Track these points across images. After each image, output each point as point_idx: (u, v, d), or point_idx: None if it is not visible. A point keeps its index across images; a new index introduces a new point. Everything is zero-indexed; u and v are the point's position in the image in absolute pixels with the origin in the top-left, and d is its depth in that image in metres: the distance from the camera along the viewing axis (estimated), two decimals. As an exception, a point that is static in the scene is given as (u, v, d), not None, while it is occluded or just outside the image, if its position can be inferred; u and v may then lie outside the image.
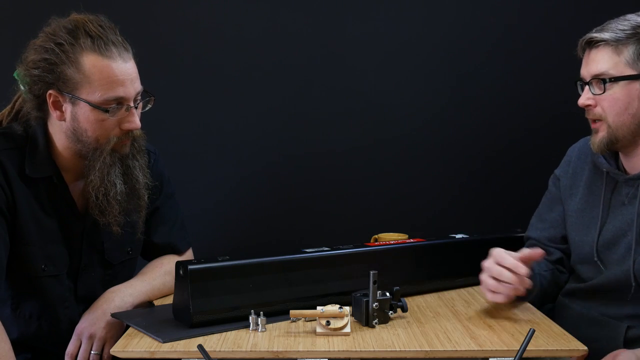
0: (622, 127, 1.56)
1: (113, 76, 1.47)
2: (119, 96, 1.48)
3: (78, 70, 1.46)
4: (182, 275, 1.46)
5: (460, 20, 2.33)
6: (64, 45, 1.46)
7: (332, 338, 1.38)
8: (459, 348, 1.33)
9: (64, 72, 1.46)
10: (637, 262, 1.57)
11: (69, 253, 1.59)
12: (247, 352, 1.32)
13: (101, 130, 1.50)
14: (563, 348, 1.34)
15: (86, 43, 1.46)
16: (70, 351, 1.52)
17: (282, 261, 1.56)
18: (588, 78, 1.58)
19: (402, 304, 1.50)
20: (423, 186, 2.36)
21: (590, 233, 1.67)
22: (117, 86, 1.48)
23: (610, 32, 1.54)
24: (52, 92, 1.48)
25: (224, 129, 2.34)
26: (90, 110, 1.48)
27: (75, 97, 1.47)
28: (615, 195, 1.64)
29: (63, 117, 1.51)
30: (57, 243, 1.57)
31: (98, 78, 1.46)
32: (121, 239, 1.63)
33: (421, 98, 2.35)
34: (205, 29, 2.30)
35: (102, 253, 1.64)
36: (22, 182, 1.51)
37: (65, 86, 1.47)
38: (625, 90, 1.54)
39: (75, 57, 1.46)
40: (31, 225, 1.53)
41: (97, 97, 1.47)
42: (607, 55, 1.55)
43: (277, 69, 2.32)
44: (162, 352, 1.32)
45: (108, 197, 1.53)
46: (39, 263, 1.54)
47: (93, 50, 1.46)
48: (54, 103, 1.50)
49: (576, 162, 1.75)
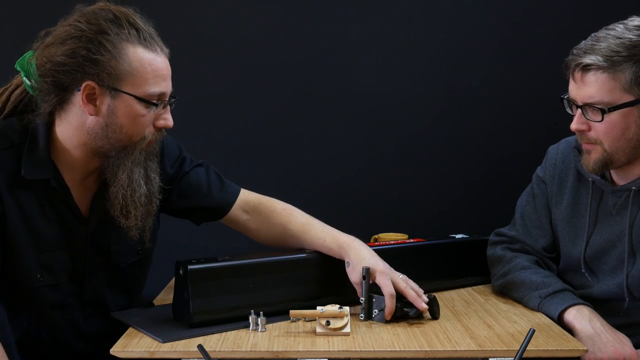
0: (618, 151, 1.51)
1: (158, 70, 1.41)
2: (162, 92, 1.42)
3: (124, 61, 1.37)
4: (182, 275, 1.46)
5: (462, 20, 2.33)
6: (108, 35, 1.37)
7: (332, 338, 1.38)
8: (459, 348, 1.33)
9: (108, 62, 1.36)
10: (630, 275, 1.56)
11: (72, 259, 1.50)
12: (247, 352, 1.32)
13: (138, 127, 1.41)
14: (563, 348, 1.34)
15: (132, 34, 1.38)
16: (390, 291, 1.47)
17: (282, 261, 1.56)
18: (580, 102, 1.51)
19: (407, 310, 1.49)
20: (423, 186, 2.36)
21: (578, 244, 1.65)
22: (161, 81, 1.41)
23: (603, 55, 1.45)
24: (90, 84, 1.37)
25: (223, 129, 2.34)
26: (132, 104, 1.39)
27: (118, 90, 1.38)
28: (602, 205, 1.62)
29: (95, 111, 1.39)
30: (55, 250, 1.47)
31: (145, 71, 1.38)
32: (128, 242, 1.54)
33: (421, 98, 2.35)
34: (204, 28, 2.30)
35: (109, 256, 1.55)
36: (17, 186, 1.41)
37: (108, 78, 1.37)
38: (623, 117, 1.48)
39: (121, 47, 1.37)
40: (24, 234, 1.43)
41: (141, 91, 1.39)
42: (601, 81, 1.46)
43: (277, 69, 2.32)
44: (162, 352, 1.32)
45: (134, 198, 1.44)
46: (34, 273, 1.45)
47: (139, 43, 1.39)
48: (88, 96, 1.38)
49: (561, 167, 1.70)
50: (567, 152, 1.70)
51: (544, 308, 1.55)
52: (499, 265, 1.71)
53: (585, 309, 1.51)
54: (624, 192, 1.58)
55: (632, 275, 1.56)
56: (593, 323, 1.47)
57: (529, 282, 1.61)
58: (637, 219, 1.56)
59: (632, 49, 1.45)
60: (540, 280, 1.60)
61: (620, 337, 1.46)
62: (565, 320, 1.51)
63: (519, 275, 1.64)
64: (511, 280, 1.65)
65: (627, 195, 1.58)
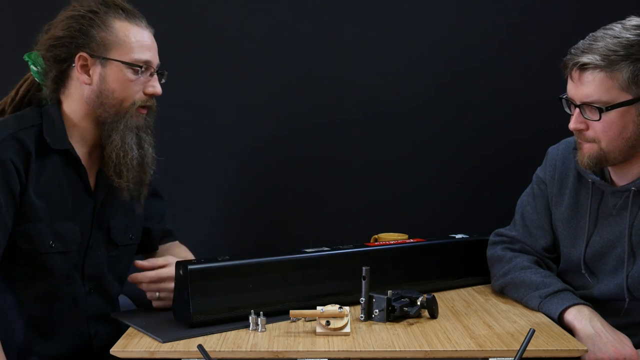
0: (615, 150, 1.52)
1: (143, 41, 1.59)
2: (147, 59, 1.59)
3: (111, 33, 1.56)
4: (182, 275, 1.46)
5: (462, 22, 2.33)
6: (97, 12, 1.57)
7: (332, 338, 1.38)
8: (458, 348, 1.33)
9: (97, 34, 1.55)
10: (630, 276, 1.57)
11: (81, 231, 1.60)
12: (247, 352, 1.32)
13: (127, 92, 1.58)
14: (563, 348, 1.34)
15: (118, 12, 1.58)
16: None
17: (282, 261, 1.57)
18: (578, 102, 1.52)
19: (407, 310, 1.49)
20: (423, 186, 2.36)
21: (578, 245, 1.65)
22: (146, 50, 1.59)
23: (601, 54, 1.46)
24: (82, 54, 1.56)
25: (223, 129, 2.33)
26: (121, 69, 1.56)
27: (107, 58, 1.56)
28: (602, 206, 1.62)
29: (89, 80, 1.57)
30: (68, 220, 1.58)
31: (130, 41, 1.57)
32: (125, 222, 1.68)
33: (422, 98, 2.35)
34: (203, 25, 2.30)
35: (108, 232, 1.66)
36: (40, 158, 1.54)
37: (97, 48, 1.56)
38: (621, 116, 1.48)
39: (108, 22, 1.57)
40: (42, 202, 1.54)
41: (128, 58, 1.56)
42: (599, 80, 1.47)
43: (277, 68, 2.32)
44: (162, 352, 1.32)
45: (126, 159, 1.59)
46: (47, 240, 1.54)
47: (125, 19, 1.58)
48: (82, 67, 1.56)
49: (561, 167, 1.71)
50: (567, 153, 1.70)
51: (544, 308, 1.55)
52: (499, 265, 1.71)
53: (586, 309, 1.51)
54: (624, 193, 1.58)
55: (632, 275, 1.56)
56: (593, 323, 1.47)
57: (529, 282, 1.61)
58: (637, 219, 1.56)
59: (630, 48, 1.46)
60: (540, 280, 1.60)
61: (621, 337, 1.46)
62: (565, 320, 1.51)
63: (519, 275, 1.64)
64: (511, 280, 1.65)
65: (627, 195, 1.58)
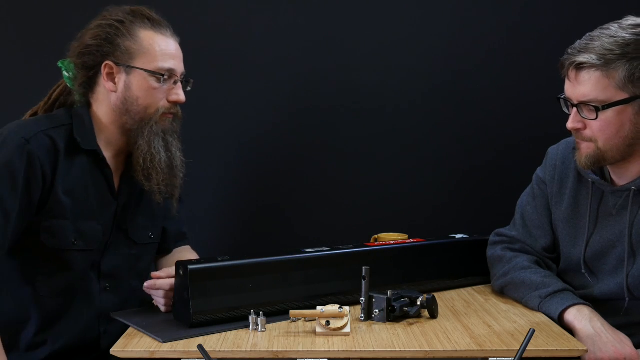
0: (612, 149, 1.52)
1: (167, 50, 1.62)
2: (171, 68, 1.62)
3: (136, 42, 1.60)
4: (182, 275, 1.46)
5: (461, 18, 2.33)
6: (124, 22, 1.60)
7: (332, 338, 1.38)
8: (458, 348, 1.33)
9: (122, 43, 1.59)
10: (630, 275, 1.57)
11: (103, 230, 1.63)
12: (247, 352, 1.32)
13: (151, 99, 1.61)
14: (563, 348, 1.34)
15: (144, 22, 1.62)
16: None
17: (282, 261, 1.57)
18: (575, 101, 1.52)
19: (407, 310, 1.49)
20: (423, 186, 2.36)
21: (578, 244, 1.66)
22: (169, 59, 1.62)
23: (597, 53, 1.47)
24: (108, 63, 1.60)
25: (223, 129, 2.33)
26: (145, 77, 1.60)
27: (132, 67, 1.60)
28: (602, 206, 1.62)
29: (115, 87, 1.61)
30: (91, 219, 1.61)
31: (154, 50, 1.60)
32: (144, 221, 1.72)
33: (422, 98, 2.35)
34: (203, 26, 2.30)
35: (127, 232, 1.68)
36: (69, 156, 1.58)
37: (122, 56, 1.59)
38: (618, 115, 1.49)
39: (134, 31, 1.60)
40: (68, 200, 1.57)
41: (152, 66, 1.60)
42: (596, 79, 1.48)
43: (276, 68, 2.32)
44: (162, 352, 1.32)
45: (154, 163, 1.62)
46: (69, 237, 1.57)
47: (150, 29, 1.62)
48: (108, 75, 1.61)
49: (561, 167, 1.71)
50: (567, 153, 1.71)
51: (544, 308, 1.55)
52: (499, 265, 1.71)
53: (586, 309, 1.51)
54: (624, 192, 1.58)
55: (633, 274, 1.56)
56: (593, 323, 1.47)
57: (529, 282, 1.61)
58: (637, 218, 1.56)
59: (626, 47, 1.46)
60: (540, 280, 1.60)
61: (621, 337, 1.46)
62: (565, 320, 1.51)
63: (519, 275, 1.64)
64: (511, 280, 1.65)
65: (627, 195, 1.58)
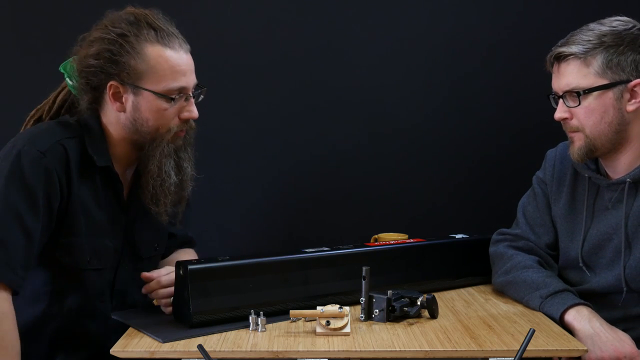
0: (600, 136, 1.58)
1: (177, 66, 1.51)
2: (182, 86, 1.52)
3: (142, 60, 1.48)
4: (182, 275, 1.46)
5: (461, 20, 2.33)
6: (127, 37, 1.48)
7: (332, 338, 1.38)
8: (459, 348, 1.33)
9: (127, 62, 1.48)
10: (627, 267, 1.58)
11: (114, 247, 1.58)
12: (247, 352, 1.32)
13: (162, 120, 1.52)
14: (563, 348, 1.34)
15: (150, 34, 1.49)
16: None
17: (282, 261, 1.57)
18: (560, 92, 1.60)
19: (407, 310, 1.49)
20: (423, 186, 2.36)
21: (575, 239, 1.68)
22: (180, 76, 1.51)
23: (577, 44, 1.56)
24: (114, 84, 1.50)
25: (223, 130, 2.33)
26: (153, 99, 1.50)
27: (139, 87, 1.49)
28: (598, 200, 1.66)
29: (122, 108, 1.52)
30: (104, 237, 1.56)
31: (162, 68, 1.49)
32: (151, 235, 1.66)
33: (422, 99, 2.35)
34: (204, 26, 2.30)
35: (134, 246, 1.63)
36: (82, 171, 1.51)
37: (128, 77, 1.49)
38: (600, 100, 1.56)
39: (140, 47, 1.48)
40: (82, 217, 1.51)
41: (161, 87, 1.50)
42: (576, 68, 1.56)
43: (276, 68, 2.32)
44: (162, 352, 1.32)
45: (163, 187, 1.55)
46: (84, 256, 1.53)
47: (157, 42, 1.49)
48: (114, 95, 1.51)
49: (559, 167, 1.75)
50: (565, 154, 1.73)
51: (545, 308, 1.55)
52: (501, 262, 1.72)
53: (585, 309, 1.52)
54: (619, 185, 1.61)
55: (630, 266, 1.58)
56: (592, 323, 1.48)
57: (530, 282, 1.62)
58: (632, 210, 1.58)
59: (602, 37, 1.55)
60: (542, 279, 1.61)
61: (620, 335, 1.46)
62: (565, 320, 1.51)
63: (520, 274, 1.65)
64: (513, 279, 1.66)
65: (622, 188, 1.60)
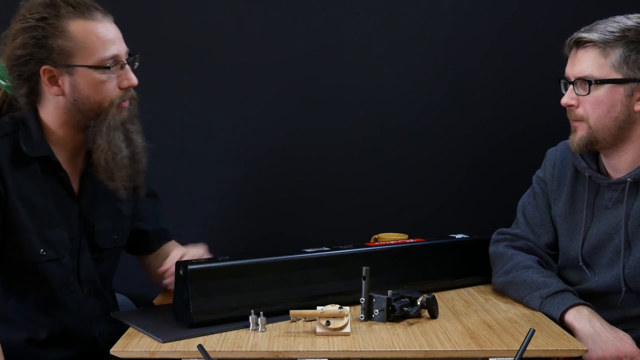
0: (603, 129, 1.56)
1: (104, 36, 1.49)
2: (114, 54, 1.50)
3: (69, 38, 1.47)
4: (182, 275, 1.46)
5: (460, 19, 2.33)
6: (47, 19, 1.46)
7: (332, 338, 1.38)
8: (459, 348, 1.33)
9: (54, 44, 1.46)
10: (627, 266, 1.58)
11: (70, 236, 1.57)
12: (247, 352, 1.32)
13: (103, 94, 1.51)
14: (563, 348, 1.34)
15: (69, 11, 1.47)
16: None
17: (282, 261, 1.57)
18: (572, 78, 1.58)
19: (407, 310, 1.50)
20: (423, 186, 2.36)
21: (575, 238, 1.67)
22: (110, 45, 1.50)
23: (599, 33, 1.53)
24: (46, 68, 1.48)
25: (222, 128, 2.33)
26: (89, 74, 1.49)
27: (72, 65, 1.48)
28: (598, 199, 1.65)
29: (61, 91, 1.50)
30: (55, 226, 1.54)
31: (91, 41, 1.48)
32: (110, 224, 1.64)
33: (422, 99, 2.35)
34: (204, 26, 2.30)
35: (92, 236, 1.62)
36: (16, 167, 1.49)
37: (59, 58, 1.47)
38: (609, 94, 1.54)
39: (63, 26, 1.47)
40: (25, 211, 1.49)
41: (94, 60, 1.48)
42: (593, 56, 1.54)
43: (276, 67, 2.32)
44: (162, 352, 1.32)
45: (116, 161, 1.53)
46: (36, 248, 1.51)
47: (78, 17, 1.48)
48: (49, 79, 1.49)
49: (559, 166, 1.74)
50: (566, 153, 1.73)
51: (545, 308, 1.55)
52: (501, 262, 1.72)
53: (585, 309, 1.52)
54: (620, 185, 1.60)
55: (629, 266, 1.57)
56: (592, 323, 1.48)
57: (530, 282, 1.62)
58: (632, 210, 1.58)
59: (626, 31, 1.53)
60: (542, 280, 1.61)
61: (620, 334, 1.46)
62: (565, 320, 1.51)
63: (520, 274, 1.64)
64: (513, 279, 1.66)
65: (622, 187, 1.60)
